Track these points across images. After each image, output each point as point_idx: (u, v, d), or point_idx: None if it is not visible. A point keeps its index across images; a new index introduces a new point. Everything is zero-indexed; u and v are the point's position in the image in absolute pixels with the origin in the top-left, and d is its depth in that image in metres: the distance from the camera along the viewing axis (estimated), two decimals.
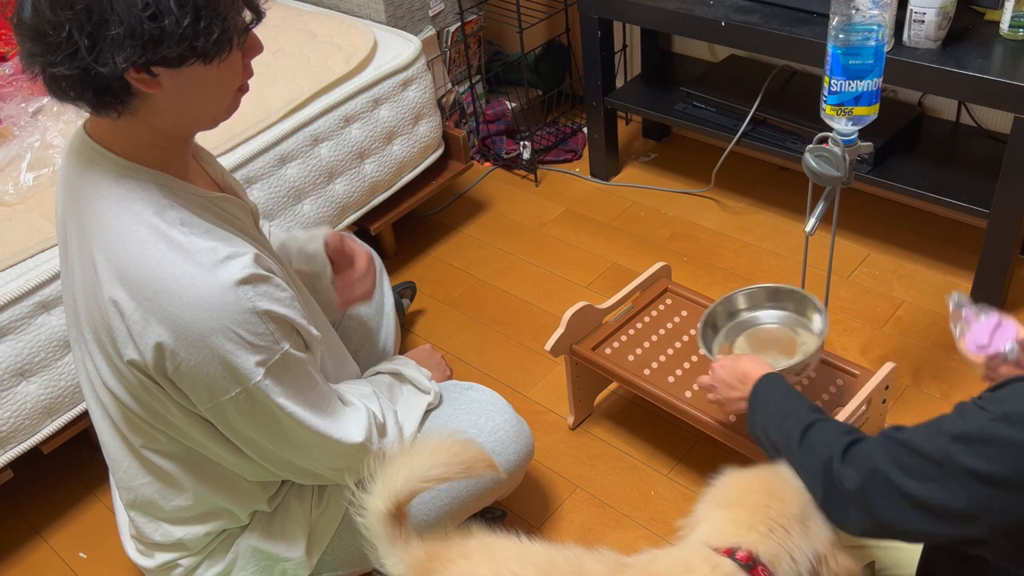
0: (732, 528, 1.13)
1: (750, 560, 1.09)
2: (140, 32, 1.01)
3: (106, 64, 1.02)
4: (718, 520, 1.15)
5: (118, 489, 1.40)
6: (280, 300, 1.18)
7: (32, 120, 2.00)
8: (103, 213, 1.15)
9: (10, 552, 1.83)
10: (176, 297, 1.12)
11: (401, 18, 2.46)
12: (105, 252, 1.15)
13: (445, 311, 2.29)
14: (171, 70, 1.06)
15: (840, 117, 1.50)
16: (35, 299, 1.66)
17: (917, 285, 2.18)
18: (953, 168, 2.08)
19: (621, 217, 2.53)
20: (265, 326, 1.16)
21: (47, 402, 1.71)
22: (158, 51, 1.03)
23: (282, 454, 1.29)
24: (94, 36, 1.01)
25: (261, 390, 1.19)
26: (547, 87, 2.88)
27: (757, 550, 1.10)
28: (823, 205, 1.62)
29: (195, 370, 1.15)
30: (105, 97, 1.07)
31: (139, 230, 1.13)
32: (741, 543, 1.10)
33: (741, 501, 1.16)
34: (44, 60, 1.04)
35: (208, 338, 1.13)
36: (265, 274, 1.17)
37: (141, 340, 1.14)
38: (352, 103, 2.15)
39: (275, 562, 1.42)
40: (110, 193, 1.15)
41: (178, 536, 1.38)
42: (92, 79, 1.04)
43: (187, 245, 1.13)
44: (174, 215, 1.15)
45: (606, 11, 2.33)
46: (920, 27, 1.82)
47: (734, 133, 2.27)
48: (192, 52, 1.05)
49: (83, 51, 1.01)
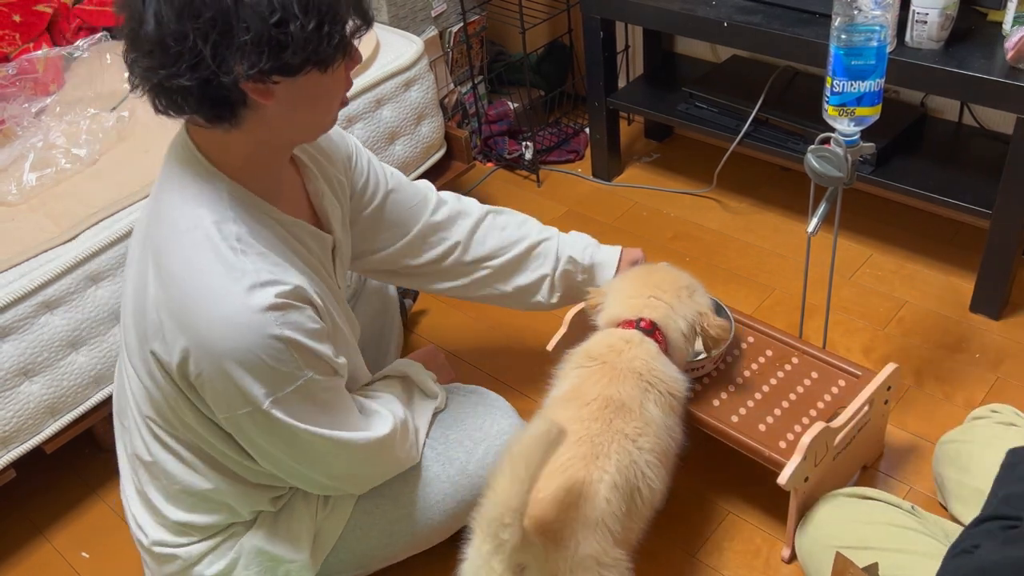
0: (629, 306, 1.49)
1: (651, 326, 1.45)
2: (267, 39, 1.01)
3: (229, 73, 1.02)
4: (617, 304, 1.51)
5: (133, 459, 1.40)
6: (307, 331, 1.18)
7: (35, 120, 2.01)
8: (171, 208, 1.17)
9: (12, 552, 1.83)
10: (204, 309, 1.13)
11: (403, 18, 2.46)
12: (160, 246, 1.16)
13: (447, 311, 2.29)
14: (288, 79, 1.07)
15: (842, 118, 1.50)
16: (38, 299, 1.66)
17: (919, 286, 2.18)
18: (955, 169, 2.07)
19: (623, 217, 2.53)
20: (289, 353, 1.16)
21: (50, 402, 1.71)
22: (281, 58, 1.03)
23: (297, 466, 1.30)
24: (218, 44, 1.01)
25: (271, 414, 1.19)
26: (549, 87, 2.88)
27: (652, 317, 1.46)
28: (825, 206, 1.62)
29: (212, 382, 1.16)
30: (221, 109, 1.07)
31: (195, 234, 1.14)
32: (640, 315, 1.46)
33: (629, 287, 1.53)
34: (164, 73, 1.03)
35: (225, 357, 1.13)
36: (298, 305, 1.17)
37: (169, 338, 1.16)
38: (354, 103, 2.15)
39: (278, 563, 1.42)
40: (185, 191, 1.16)
41: (176, 519, 1.38)
42: (212, 89, 1.04)
43: (233, 261, 1.13)
44: (233, 229, 1.15)
45: (608, 11, 2.33)
46: (923, 27, 1.81)
47: (736, 134, 2.27)
48: (312, 58, 1.05)
49: (207, 60, 1.01)
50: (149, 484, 1.38)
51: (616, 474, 1.29)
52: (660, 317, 1.47)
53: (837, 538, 1.43)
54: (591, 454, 1.29)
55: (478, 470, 1.48)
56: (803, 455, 1.44)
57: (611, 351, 1.43)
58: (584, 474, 1.27)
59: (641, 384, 1.39)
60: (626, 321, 1.47)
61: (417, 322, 2.27)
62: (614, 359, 1.41)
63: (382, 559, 1.50)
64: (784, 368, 1.69)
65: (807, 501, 1.53)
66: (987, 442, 1.51)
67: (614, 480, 1.28)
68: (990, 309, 2.06)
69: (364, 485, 1.43)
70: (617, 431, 1.33)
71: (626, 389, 1.37)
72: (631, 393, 1.37)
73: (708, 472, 1.79)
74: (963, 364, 1.96)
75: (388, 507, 1.46)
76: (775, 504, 1.69)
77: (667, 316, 1.48)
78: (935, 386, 1.92)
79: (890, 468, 1.76)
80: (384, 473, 1.43)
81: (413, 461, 1.46)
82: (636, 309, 1.48)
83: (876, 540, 1.39)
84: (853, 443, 1.59)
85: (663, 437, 1.38)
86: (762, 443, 1.54)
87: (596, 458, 1.29)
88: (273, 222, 1.22)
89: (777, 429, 1.57)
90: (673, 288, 1.51)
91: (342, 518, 1.44)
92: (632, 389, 1.38)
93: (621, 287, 1.55)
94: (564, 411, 1.37)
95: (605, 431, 1.32)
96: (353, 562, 1.47)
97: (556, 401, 1.41)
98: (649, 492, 1.34)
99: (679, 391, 1.44)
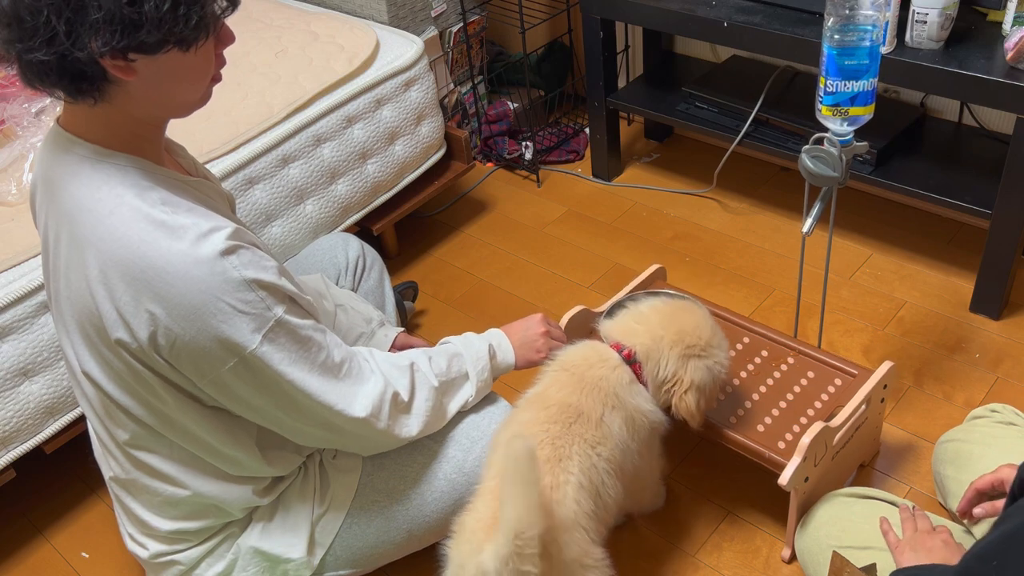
0: (627, 331, 1.46)
1: (631, 357, 1.43)
2: (119, 17, 1.02)
3: (83, 49, 1.03)
4: (621, 323, 1.49)
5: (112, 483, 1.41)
6: (266, 268, 1.19)
7: (35, 120, 2.01)
8: (82, 199, 1.16)
9: (13, 552, 1.84)
10: (164, 273, 1.12)
11: (403, 19, 2.46)
12: (88, 237, 1.15)
13: (447, 311, 2.29)
14: (148, 57, 1.07)
15: (836, 117, 1.49)
16: (38, 299, 1.66)
17: (919, 286, 2.18)
18: (955, 169, 2.07)
19: (623, 217, 2.53)
20: (254, 293, 1.16)
21: (49, 402, 1.71)
22: (136, 36, 1.04)
23: (293, 421, 1.29)
24: (72, 21, 1.02)
25: (259, 357, 1.18)
26: (549, 88, 2.88)
27: (636, 351, 1.43)
28: (820, 205, 1.62)
29: (190, 344, 1.16)
30: (81, 83, 1.08)
31: (121, 211, 1.14)
32: (631, 344, 1.43)
33: (650, 315, 1.48)
34: (21, 46, 1.04)
35: (199, 311, 1.13)
36: (247, 245, 1.18)
37: (133, 320, 1.15)
38: (354, 103, 2.15)
39: (276, 563, 1.42)
40: (88, 179, 1.16)
41: (167, 529, 1.38)
42: (68, 65, 1.05)
43: (170, 223, 1.14)
44: (155, 195, 1.16)
45: (608, 12, 2.34)
46: (923, 28, 1.81)
47: (736, 134, 2.27)
48: (170, 38, 1.06)
49: (61, 36, 1.02)
50: (133, 501, 1.38)
51: (580, 475, 1.30)
52: (642, 354, 1.43)
53: (837, 538, 1.43)
54: (554, 457, 1.30)
55: (475, 468, 1.48)
56: (803, 456, 1.44)
57: (584, 363, 1.42)
58: (550, 478, 1.27)
59: (606, 401, 1.38)
60: (615, 342, 1.46)
61: (416, 322, 2.27)
62: (584, 371, 1.40)
63: (380, 557, 1.50)
64: (780, 368, 1.69)
65: (807, 501, 1.53)
66: (986, 441, 1.52)
67: (579, 481, 1.29)
68: (990, 309, 2.06)
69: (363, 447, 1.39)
70: (576, 435, 1.33)
71: (587, 401, 1.37)
72: (591, 405, 1.36)
73: (708, 472, 1.79)
74: (963, 364, 1.96)
75: (384, 504, 1.46)
76: (775, 504, 1.69)
77: (649, 356, 1.43)
78: (935, 386, 1.92)
79: (890, 468, 1.76)
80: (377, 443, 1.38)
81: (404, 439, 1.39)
82: (629, 336, 1.45)
83: (876, 540, 1.39)
84: (851, 442, 1.59)
85: (620, 454, 1.37)
86: (761, 444, 1.55)
87: (559, 460, 1.30)
88: (181, 182, 1.23)
89: (775, 429, 1.57)
90: (685, 341, 1.43)
91: (338, 516, 1.44)
92: (593, 402, 1.37)
93: (642, 309, 1.50)
94: (526, 413, 1.38)
95: (565, 434, 1.32)
96: (350, 560, 1.47)
97: (524, 401, 1.42)
98: (609, 498, 1.35)
99: (645, 422, 1.42)
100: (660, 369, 1.43)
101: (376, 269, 1.93)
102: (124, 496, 1.39)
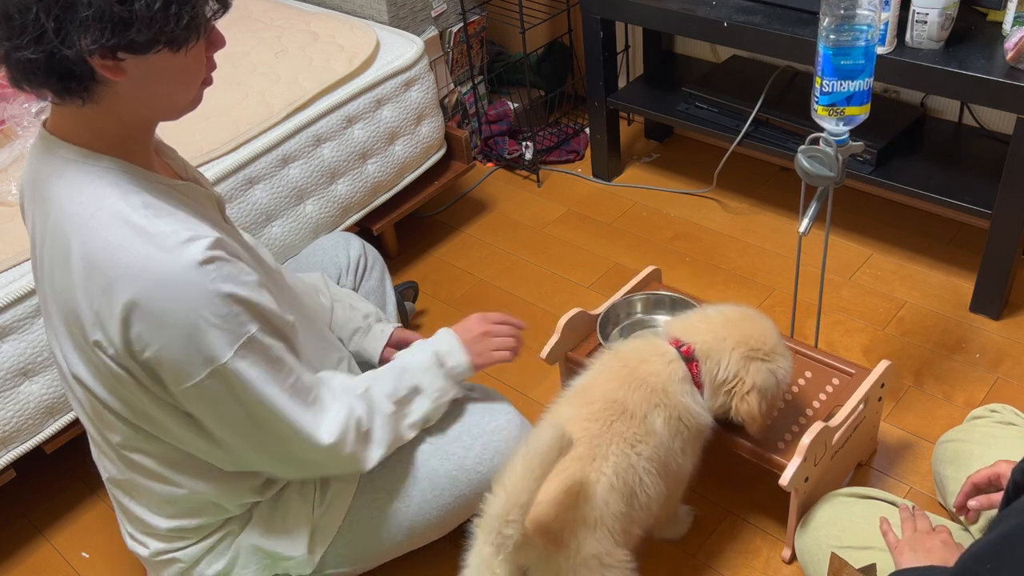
0: (690, 329, 1.44)
1: (689, 354, 1.41)
2: (109, 15, 1.01)
3: (72, 47, 1.02)
4: (685, 321, 1.47)
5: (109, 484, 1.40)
6: (244, 284, 1.18)
7: (35, 120, 2.01)
8: (66, 201, 1.15)
9: (13, 552, 1.84)
10: (139, 280, 1.11)
11: (404, 19, 2.46)
12: (70, 239, 1.15)
13: (447, 311, 2.29)
14: (137, 57, 1.07)
15: (832, 117, 1.50)
16: (38, 299, 1.66)
17: (919, 286, 2.18)
18: (955, 169, 2.07)
19: (623, 217, 2.53)
20: (229, 308, 1.15)
21: (49, 402, 1.71)
22: (126, 35, 1.03)
23: (256, 447, 1.28)
24: (61, 19, 1.01)
25: (230, 371, 1.18)
26: (549, 88, 2.88)
27: (696, 348, 1.41)
28: (816, 205, 1.62)
29: (162, 352, 1.15)
30: (69, 83, 1.07)
31: (102, 215, 1.13)
32: (691, 341, 1.42)
33: (714, 316, 1.46)
34: (9, 44, 1.04)
35: (173, 319, 1.13)
36: (228, 257, 1.17)
37: (108, 323, 1.14)
38: (354, 103, 2.15)
39: (276, 560, 1.42)
40: (72, 181, 1.15)
41: (166, 526, 1.38)
42: (57, 63, 1.04)
43: (149, 228, 1.13)
44: (137, 199, 1.15)
45: (608, 12, 2.34)
46: (923, 28, 1.81)
47: (736, 134, 2.27)
48: (160, 37, 1.05)
49: (49, 33, 1.01)
50: (131, 501, 1.38)
51: (614, 476, 1.29)
52: (702, 352, 1.41)
53: (837, 538, 1.43)
54: (588, 455, 1.29)
55: (476, 466, 1.49)
56: (803, 456, 1.44)
57: (637, 356, 1.41)
58: (581, 475, 1.27)
59: (652, 398, 1.36)
60: (675, 338, 1.44)
61: (416, 322, 2.27)
62: (636, 365, 1.39)
63: (380, 554, 1.50)
64: None
65: (807, 501, 1.53)
66: (986, 441, 1.52)
67: (611, 482, 1.28)
68: (990, 309, 2.06)
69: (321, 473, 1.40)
70: (616, 434, 1.32)
71: (633, 396, 1.35)
72: (637, 401, 1.35)
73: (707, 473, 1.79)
74: (963, 364, 1.96)
75: (385, 501, 1.46)
76: (775, 504, 1.69)
77: (709, 355, 1.41)
78: (934, 386, 1.92)
79: (890, 468, 1.76)
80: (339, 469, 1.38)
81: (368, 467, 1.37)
82: (691, 333, 1.44)
83: (876, 540, 1.39)
84: (849, 441, 1.60)
85: (663, 452, 1.36)
86: (760, 444, 1.54)
87: (593, 459, 1.29)
88: (166, 187, 1.22)
89: (774, 430, 1.57)
90: (749, 344, 1.42)
91: (339, 513, 1.44)
92: (640, 398, 1.35)
93: (709, 312, 1.49)
94: (567, 409, 1.36)
95: (604, 433, 1.32)
96: (350, 557, 1.47)
97: (565, 396, 1.41)
98: (646, 499, 1.34)
99: (691, 422, 1.39)
100: (720, 369, 1.41)
101: (377, 269, 1.93)
102: (122, 496, 1.39)
